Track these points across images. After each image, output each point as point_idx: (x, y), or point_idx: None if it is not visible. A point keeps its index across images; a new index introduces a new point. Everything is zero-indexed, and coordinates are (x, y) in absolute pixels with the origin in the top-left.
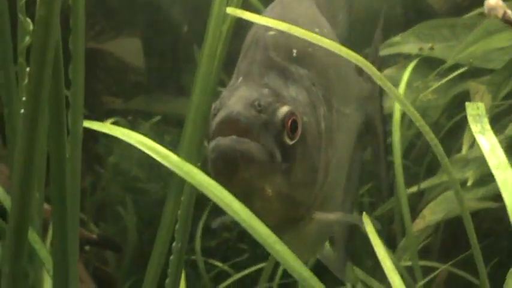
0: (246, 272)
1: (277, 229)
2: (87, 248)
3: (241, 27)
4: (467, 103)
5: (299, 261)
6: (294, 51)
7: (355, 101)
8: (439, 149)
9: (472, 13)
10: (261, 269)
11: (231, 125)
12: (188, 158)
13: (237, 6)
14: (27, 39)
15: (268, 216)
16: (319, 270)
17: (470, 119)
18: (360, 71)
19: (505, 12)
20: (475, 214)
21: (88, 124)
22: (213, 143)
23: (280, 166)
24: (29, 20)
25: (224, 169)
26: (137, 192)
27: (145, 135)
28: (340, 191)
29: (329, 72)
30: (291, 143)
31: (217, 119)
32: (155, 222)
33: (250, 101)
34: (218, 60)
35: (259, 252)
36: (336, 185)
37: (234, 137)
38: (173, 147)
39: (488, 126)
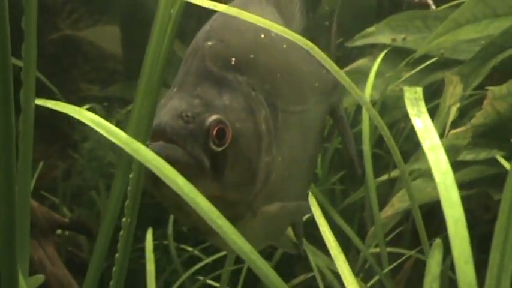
0: (217, 256)
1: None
2: (58, 232)
3: None
4: (405, 87)
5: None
6: (233, 59)
7: (316, 95)
8: (391, 143)
9: (445, 6)
10: None
11: (160, 135)
12: (136, 136)
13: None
14: None
15: (203, 218)
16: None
17: (407, 102)
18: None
19: None
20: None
21: (41, 102)
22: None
23: (209, 171)
24: None
25: (151, 173)
26: (111, 178)
27: (120, 121)
28: (300, 183)
29: (274, 76)
30: (219, 149)
31: (153, 129)
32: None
33: (178, 112)
34: (168, 40)
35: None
36: (289, 179)
37: (161, 142)
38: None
39: (424, 109)
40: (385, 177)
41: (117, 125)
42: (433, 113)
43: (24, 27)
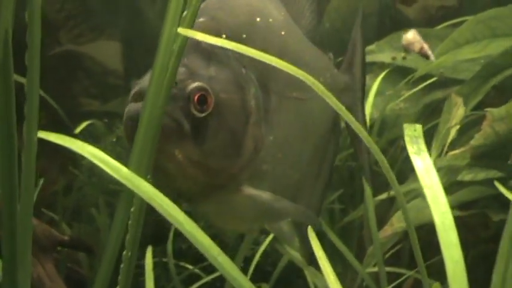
0: (216, 274)
1: (202, 195)
2: (58, 249)
3: None
4: (405, 124)
5: (242, 274)
6: (223, 36)
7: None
8: (385, 166)
9: (444, 24)
10: None
11: (141, 96)
12: (138, 171)
13: (188, 26)
14: None
15: (185, 181)
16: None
17: (407, 139)
18: (337, 64)
19: (421, 47)
20: None
21: (44, 135)
22: (125, 109)
23: (189, 135)
24: None
25: (129, 131)
26: (111, 194)
27: (121, 137)
28: (293, 176)
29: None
30: (200, 115)
31: (132, 91)
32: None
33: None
34: (169, 75)
35: (229, 255)
36: (286, 167)
37: (140, 103)
38: None
39: (424, 147)
40: (384, 195)
41: (117, 141)
42: (431, 132)
43: (27, 64)
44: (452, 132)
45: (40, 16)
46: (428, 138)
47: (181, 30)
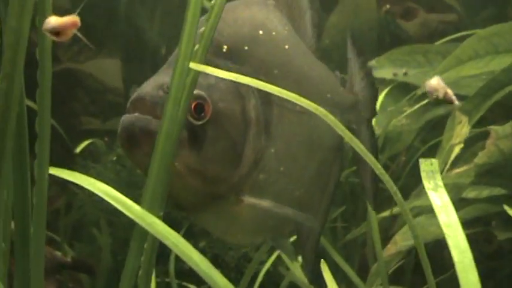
0: None
1: (200, 205)
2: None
3: None
4: (421, 159)
5: None
6: (225, 47)
7: (326, 105)
8: (390, 185)
9: (444, 39)
10: None
11: (138, 104)
12: (151, 209)
13: (200, 61)
14: None
15: (182, 190)
16: None
17: (423, 174)
18: (343, 81)
19: (446, 93)
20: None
21: (56, 172)
22: (121, 120)
23: (186, 142)
24: None
25: (126, 142)
26: (112, 213)
27: (120, 156)
28: (295, 190)
29: (270, 71)
30: (198, 123)
31: (130, 99)
32: (129, 243)
33: (159, 84)
34: (182, 110)
35: (232, 276)
36: (288, 179)
37: (136, 114)
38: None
39: (440, 183)
40: (387, 213)
41: (117, 159)
42: (433, 148)
43: (38, 104)
44: (456, 150)
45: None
46: (429, 154)
47: (192, 65)
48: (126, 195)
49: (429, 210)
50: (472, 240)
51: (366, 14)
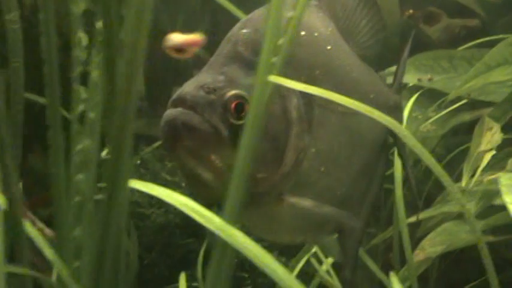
0: None
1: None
2: None
3: None
4: (501, 173)
5: None
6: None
7: (370, 105)
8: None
9: (468, 44)
10: None
11: (179, 103)
12: (230, 221)
13: (278, 73)
14: None
15: (225, 190)
16: None
17: (503, 189)
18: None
19: None
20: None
21: (136, 185)
22: (163, 116)
23: (227, 141)
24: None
25: (168, 136)
26: (138, 218)
27: (144, 160)
28: (338, 190)
29: (312, 71)
30: (238, 122)
31: (171, 98)
32: (155, 248)
33: (201, 84)
34: (260, 120)
35: (260, 281)
36: (331, 179)
37: (180, 108)
38: (174, 174)
39: None
40: (413, 219)
41: (141, 163)
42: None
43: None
44: (488, 157)
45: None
46: (455, 160)
47: (272, 78)
48: (146, 199)
49: (455, 217)
50: (496, 249)
51: (389, 18)
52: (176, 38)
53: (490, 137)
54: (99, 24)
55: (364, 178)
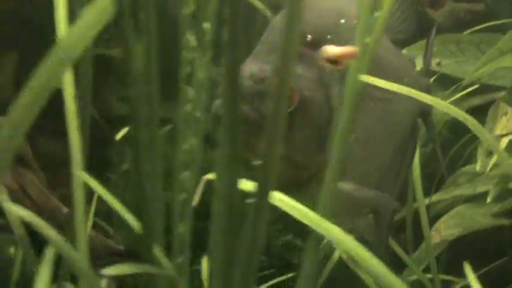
0: None
1: (285, 190)
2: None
3: None
4: None
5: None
6: (309, 36)
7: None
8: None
9: (474, 28)
10: None
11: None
12: (325, 215)
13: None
14: None
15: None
16: None
17: None
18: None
19: None
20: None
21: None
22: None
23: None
24: None
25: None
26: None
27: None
28: (375, 174)
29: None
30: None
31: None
32: (167, 232)
33: (249, 73)
34: (351, 118)
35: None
36: (367, 163)
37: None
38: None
39: None
40: (426, 201)
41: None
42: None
43: None
44: (505, 141)
45: None
46: (464, 143)
47: (363, 78)
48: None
49: (465, 200)
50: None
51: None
52: (332, 50)
53: (506, 122)
54: (206, 25)
55: (396, 160)
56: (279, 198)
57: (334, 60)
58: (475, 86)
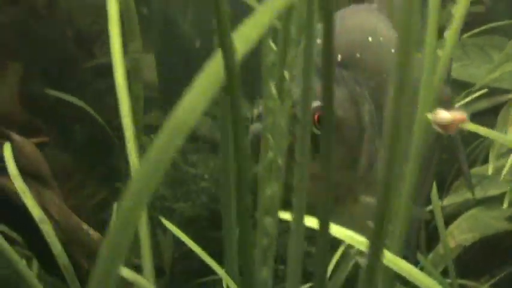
0: None
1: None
2: None
3: None
4: None
5: None
6: (339, 56)
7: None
8: None
9: (474, 30)
10: None
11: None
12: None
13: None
14: None
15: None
16: None
17: None
18: None
19: None
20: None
21: None
22: (250, 128)
23: (311, 151)
24: None
25: (256, 148)
26: (164, 212)
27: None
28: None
29: (381, 76)
30: (319, 132)
31: (256, 112)
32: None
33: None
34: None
35: None
36: None
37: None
38: (202, 166)
39: None
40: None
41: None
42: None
43: None
44: None
45: None
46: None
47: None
48: (171, 192)
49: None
50: None
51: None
52: (443, 116)
53: None
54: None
55: (423, 170)
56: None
57: (445, 126)
58: (484, 91)
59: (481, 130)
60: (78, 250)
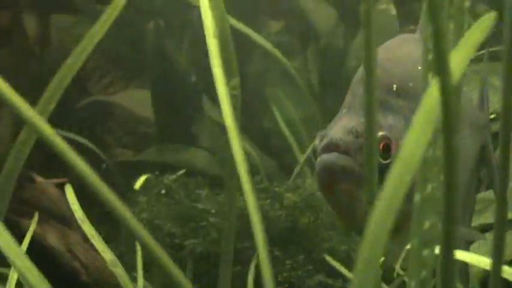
0: None
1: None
2: None
3: None
4: None
5: None
6: (394, 86)
7: (469, 128)
8: None
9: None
10: None
11: (333, 148)
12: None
13: None
14: None
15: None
16: None
17: None
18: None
19: None
20: None
21: None
22: (318, 159)
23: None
24: None
25: (327, 179)
26: (174, 249)
27: (169, 189)
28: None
29: None
30: (385, 162)
31: (322, 144)
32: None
33: (349, 128)
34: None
35: None
36: None
37: (335, 153)
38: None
39: None
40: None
41: (167, 192)
42: None
43: None
44: None
45: None
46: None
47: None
48: (176, 228)
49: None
50: None
51: (387, 34)
52: None
53: None
54: None
55: (467, 193)
56: None
57: None
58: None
59: None
60: None
